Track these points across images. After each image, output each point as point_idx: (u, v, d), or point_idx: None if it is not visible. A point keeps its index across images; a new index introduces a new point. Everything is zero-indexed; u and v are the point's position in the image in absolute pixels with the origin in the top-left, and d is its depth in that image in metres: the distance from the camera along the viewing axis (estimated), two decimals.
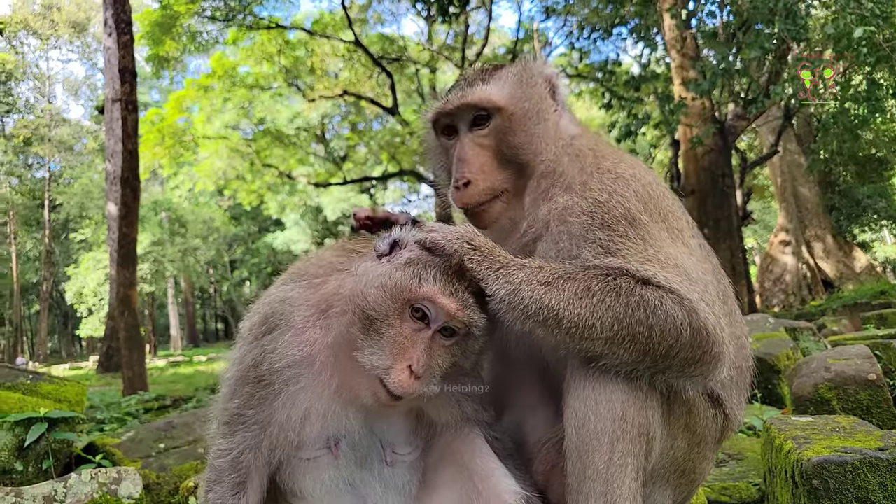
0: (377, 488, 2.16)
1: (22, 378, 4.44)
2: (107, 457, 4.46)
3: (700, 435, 2.18)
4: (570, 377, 2.02)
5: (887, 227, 30.71)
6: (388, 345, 1.91)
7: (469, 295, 1.94)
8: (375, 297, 1.91)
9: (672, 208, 2.24)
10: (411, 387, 1.87)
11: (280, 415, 1.99)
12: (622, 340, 1.90)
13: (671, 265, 2.00)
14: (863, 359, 4.41)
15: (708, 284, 2.06)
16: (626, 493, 1.94)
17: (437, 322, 1.92)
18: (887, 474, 2.28)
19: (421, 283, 1.90)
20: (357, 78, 31.14)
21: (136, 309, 15.60)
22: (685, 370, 1.96)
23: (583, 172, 2.23)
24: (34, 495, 2.91)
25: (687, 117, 18.33)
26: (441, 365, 1.96)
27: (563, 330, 1.92)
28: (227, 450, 2.03)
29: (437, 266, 1.94)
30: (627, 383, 1.96)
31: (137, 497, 3.15)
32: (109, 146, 27.85)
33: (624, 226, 2.06)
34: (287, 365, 1.97)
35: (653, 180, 2.25)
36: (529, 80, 2.40)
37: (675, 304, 1.90)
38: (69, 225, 48.36)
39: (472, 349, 2.01)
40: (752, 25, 16.07)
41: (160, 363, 31.70)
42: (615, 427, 1.94)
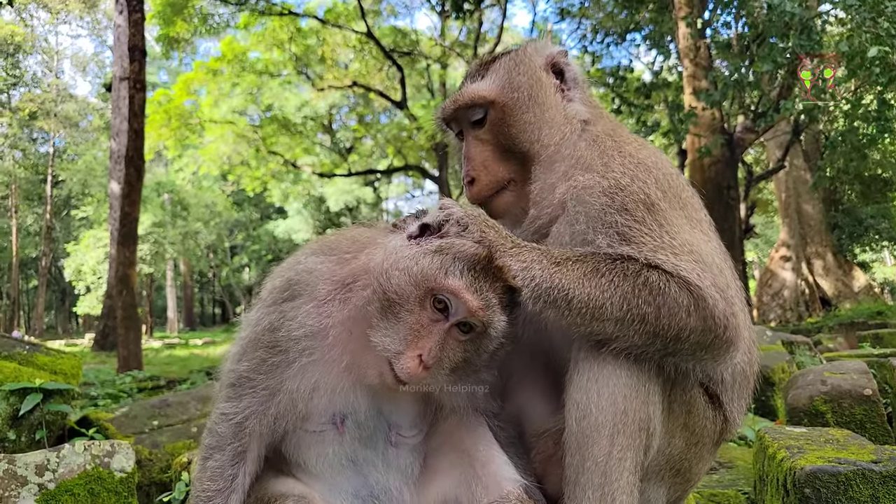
0: (380, 467, 2.15)
1: (19, 348, 4.45)
2: (100, 431, 4.47)
3: (698, 435, 2.19)
4: (574, 369, 2.03)
5: (888, 249, 30.72)
6: (403, 330, 1.89)
7: (493, 295, 1.92)
8: (399, 281, 1.90)
9: (691, 200, 2.24)
10: (418, 375, 1.86)
11: (290, 384, 1.97)
12: (633, 321, 1.91)
13: (686, 251, 2.00)
14: (859, 374, 4.42)
15: (723, 270, 2.06)
16: (623, 486, 1.95)
17: (456, 316, 1.91)
18: (880, 487, 2.28)
19: (447, 276, 1.88)
20: (367, 70, 31.13)
21: (134, 288, 15.61)
22: (696, 354, 1.97)
23: (603, 155, 2.21)
24: (27, 463, 2.91)
25: (696, 127, 18.31)
26: (452, 358, 1.94)
27: (573, 310, 1.93)
28: (230, 414, 2.00)
29: (465, 260, 1.91)
30: (630, 377, 1.96)
31: (130, 471, 3.15)
32: (115, 124, 27.80)
33: (642, 211, 2.06)
34: (304, 335, 1.95)
35: (674, 171, 2.25)
36: (520, 67, 2.40)
37: (681, 288, 1.90)
38: (71, 202, 48.31)
39: (485, 348, 1.99)
40: (767, 38, 16.04)
41: (156, 344, 31.74)
42: (616, 420, 1.94)
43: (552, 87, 2.39)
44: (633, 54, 28.64)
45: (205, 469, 1.99)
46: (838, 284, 27.02)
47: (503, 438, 2.23)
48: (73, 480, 2.98)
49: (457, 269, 1.89)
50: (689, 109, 17.96)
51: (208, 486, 1.96)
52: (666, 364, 2.01)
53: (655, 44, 22.01)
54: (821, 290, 27.18)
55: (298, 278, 2.05)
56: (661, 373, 2.02)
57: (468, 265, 1.91)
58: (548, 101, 2.36)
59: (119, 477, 3.12)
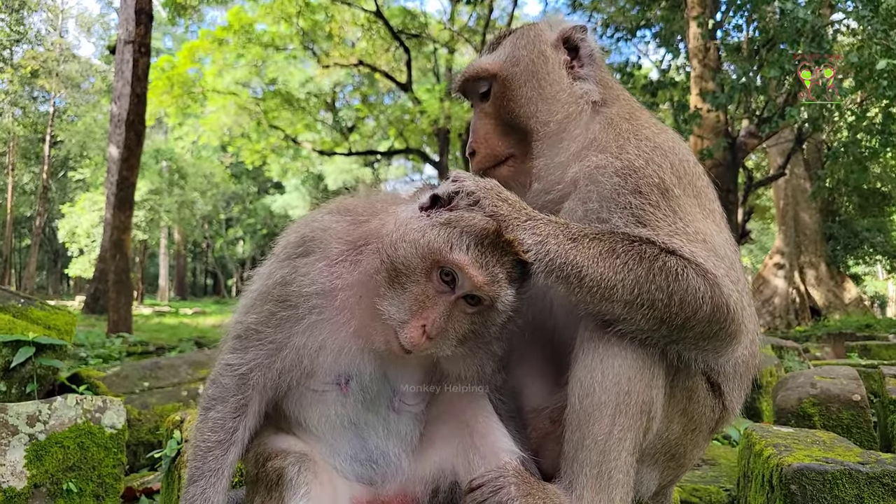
0: (380, 432, 2.16)
1: (13, 301, 4.43)
2: (90, 388, 4.47)
3: (696, 422, 2.21)
4: (580, 347, 2.04)
5: (881, 263, 30.88)
6: (409, 300, 1.90)
7: (500, 269, 1.91)
8: (406, 252, 1.90)
9: (706, 189, 2.24)
10: (422, 345, 1.88)
11: (298, 340, 1.98)
12: (641, 305, 1.91)
13: (699, 240, 2.00)
14: (849, 379, 4.47)
15: (735, 263, 2.06)
16: (621, 465, 1.97)
17: (462, 289, 1.90)
18: (865, 487, 2.31)
19: (453, 250, 1.87)
20: (374, 49, 30.87)
21: (128, 253, 15.56)
22: (699, 344, 1.98)
23: (619, 137, 2.20)
24: (18, 413, 2.92)
25: (700, 128, 18.29)
26: (458, 331, 1.95)
27: (584, 288, 1.92)
28: (235, 365, 2.00)
29: (473, 234, 1.90)
30: (635, 360, 1.98)
31: (120, 428, 3.16)
32: (117, 88, 27.61)
33: (657, 195, 2.05)
34: (315, 292, 1.96)
35: (691, 158, 2.25)
36: (525, 41, 2.38)
37: (698, 275, 1.91)
38: (68, 163, 47.98)
39: (493, 321, 1.99)
40: (777, 44, 16.01)
41: (146, 311, 31.70)
42: (619, 401, 1.96)
43: (558, 63, 2.34)
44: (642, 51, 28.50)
45: (206, 420, 1.99)
46: (829, 295, 27.19)
47: (504, 412, 2.26)
48: (63, 433, 2.98)
49: (463, 244, 1.88)
50: (694, 110, 17.94)
51: (209, 437, 1.97)
52: (669, 351, 2.01)
53: (665, 42, 21.90)
54: (811, 300, 27.35)
55: (313, 235, 2.05)
56: (665, 358, 2.03)
57: (475, 239, 1.89)
58: (550, 76, 2.32)
59: (109, 433, 3.13)
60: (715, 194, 2.32)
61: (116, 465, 3.13)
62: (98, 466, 3.06)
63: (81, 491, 2.99)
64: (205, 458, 1.96)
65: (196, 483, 1.93)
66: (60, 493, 2.92)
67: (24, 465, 2.85)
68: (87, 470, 3.04)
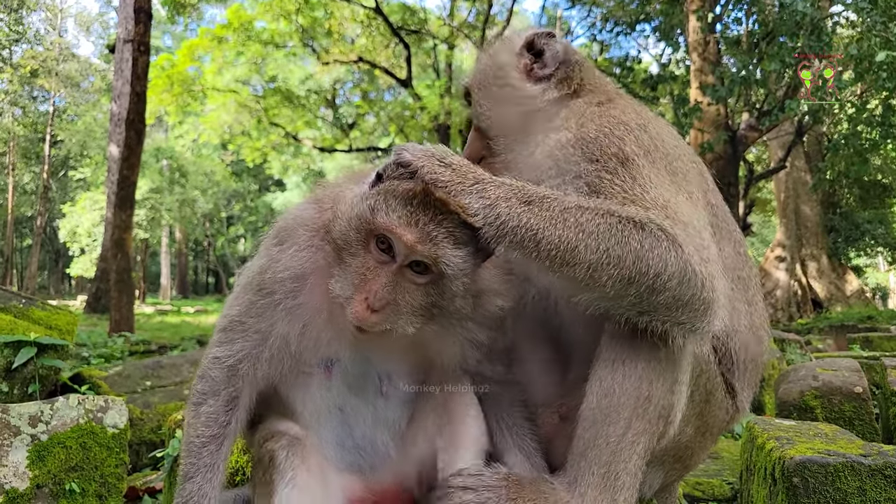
0: (367, 418, 2.15)
1: (15, 301, 4.43)
2: (92, 388, 4.47)
3: (709, 425, 2.20)
4: (605, 345, 2.00)
5: (882, 254, 30.85)
6: (351, 275, 1.86)
7: (437, 229, 1.80)
8: (341, 227, 1.89)
9: (686, 170, 2.17)
10: (368, 319, 1.80)
11: (280, 327, 1.97)
12: (607, 265, 1.76)
13: (659, 205, 1.92)
14: (851, 371, 4.46)
15: (701, 231, 1.96)
16: (630, 468, 1.95)
17: (401, 255, 1.82)
18: (867, 479, 2.31)
19: (375, 213, 1.81)
20: (373, 46, 30.82)
21: (129, 252, 15.57)
22: (673, 313, 1.83)
23: (581, 117, 2.23)
24: (21, 413, 2.91)
25: (700, 122, 18.29)
26: (412, 303, 1.86)
27: (542, 252, 1.77)
28: (223, 358, 2.00)
29: (399, 196, 1.82)
30: (660, 362, 1.94)
31: (122, 427, 3.15)
32: (117, 87, 27.57)
33: (614, 163, 2.01)
34: (288, 277, 1.96)
35: (668, 135, 2.21)
36: (490, 54, 2.56)
37: (659, 231, 1.80)
38: (69, 162, 47.97)
39: (450, 290, 1.88)
40: (777, 37, 15.97)
41: (148, 310, 31.73)
42: (638, 405, 1.93)
43: (515, 68, 2.46)
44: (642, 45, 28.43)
45: (198, 415, 1.98)
46: (831, 287, 27.16)
47: (506, 400, 2.23)
48: (65, 433, 2.98)
49: (388, 206, 1.81)
50: (694, 104, 17.93)
51: (203, 432, 1.96)
52: (641, 323, 1.88)
53: (665, 36, 21.86)
54: (813, 292, 27.33)
55: (285, 224, 2.08)
56: (691, 360, 2.00)
57: (402, 201, 1.81)
58: (502, 80, 2.46)
59: (112, 433, 3.12)
60: (702, 180, 2.28)
61: (119, 464, 3.12)
62: (100, 466, 3.06)
63: (84, 491, 2.99)
64: (199, 453, 1.94)
65: (192, 479, 1.92)
66: (63, 493, 2.92)
67: (27, 465, 2.84)
68: (90, 470, 3.04)
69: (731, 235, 2.33)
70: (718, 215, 2.31)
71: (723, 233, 2.29)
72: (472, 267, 1.88)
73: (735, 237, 2.36)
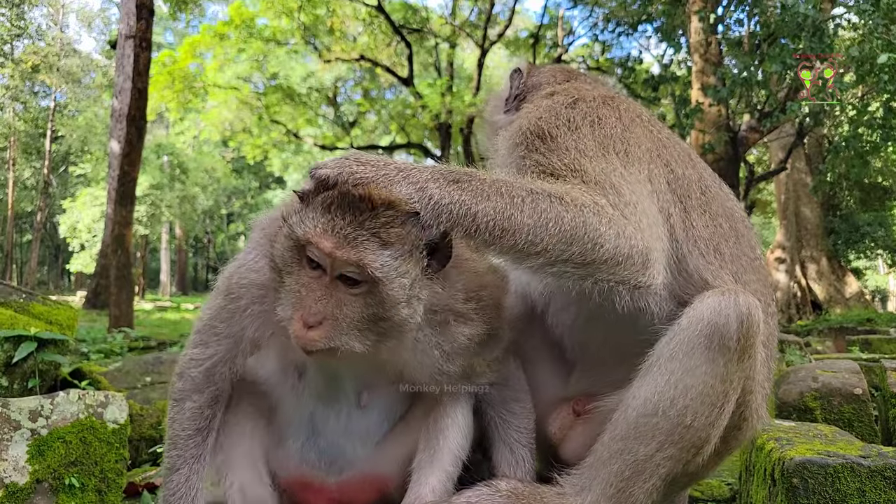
0: (338, 428, 2.12)
1: (15, 296, 4.42)
2: (92, 383, 4.47)
3: (730, 448, 2.17)
4: (656, 362, 1.94)
5: (882, 257, 30.85)
6: (288, 294, 1.81)
7: (357, 230, 1.72)
8: (276, 250, 1.85)
9: (622, 138, 2.14)
10: (306, 337, 1.72)
11: (249, 332, 1.97)
12: (546, 224, 1.77)
13: (577, 171, 1.95)
14: (851, 373, 4.46)
15: (625, 192, 1.95)
16: (647, 488, 1.92)
17: (326, 265, 1.76)
18: (867, 480, 2.31)
19: (296, 227, 1.76)
20: (375, 44, 30.82)
21: (129, 248, 15.56)
22: (614, 271, 1.83)
23: (519, 117, 2.34)
24: (21, 408, 2.91)
25: (701, 123, 18.27)
26: (351, 316, 1.76)
27: (480, 225, 1.75)
28: (199, 360, 2.02)
29: (318, 205, 1.76)
30: (713, 388, 1.88)
31: (123, 423, 3.15)
32: (118, 83, 27.53)
33: (535, 141, 2.07)
34: (250, 283, 1.95)
35: (608, 112, 2.20)
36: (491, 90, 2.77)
37: (582, 193, 1.87)
38: (69, 158, 47.95)
39: (389, 297, 1.76)
40: (778, 38, 15.96)
41: (147, 306, 31.73)
42: (676, 432, 1.88)
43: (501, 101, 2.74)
44: (644, 46, 28.42)
45: (182, 410, 2.01)
46: (830, 289, 27.16)
47: (496, 398, 2.19)
48: (65, 428, 2.97)
49: (306, 218, 1.75)
50: (695, 105, 17.91)
51: (188, 426, 1.99)
52: (586, 287, 1.89)
53: (666, 36, 21.81)
54: (812, 294, 27.32)
55: (253, 234, 2.08)
56: (740, 391, 1.96)
57: (320, 211, 1.75)
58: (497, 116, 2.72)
59: (112, 428, 3.11)
60: (657, 149, 2.23)
61: (119, 460, 3.12)
62: (100, 461, 3.05)
63: (84, 486, 2.98)
64: (185, 445, 1.98)
65: (178, 471, 1.95)
66: (63, 488, 2.92)
67: (27, 460, 2.84)
68: (90, 465, 3.03)
69: (709, 207, 2.23)
70: (687, 185, 2.22)
71: (692, 202, 2.19)
72: (409, 269, 1.77)
73: (715, 209, 2.25)
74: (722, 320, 1.86)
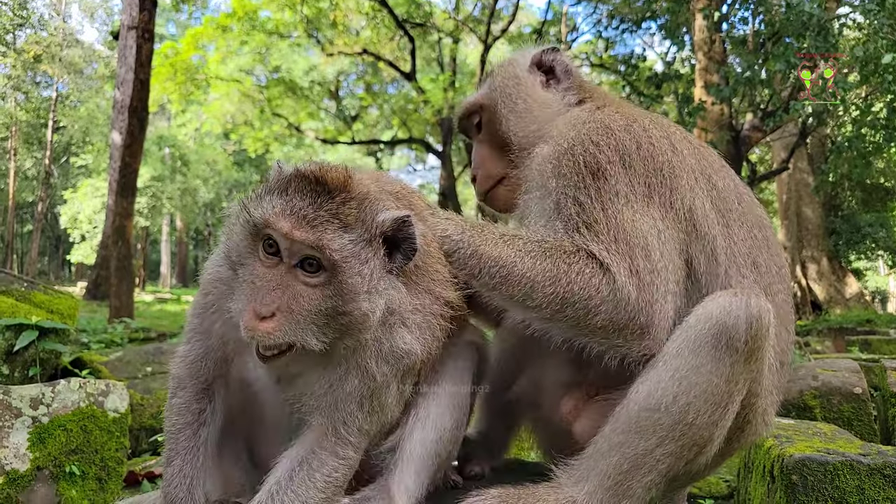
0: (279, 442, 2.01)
1: (17, 284, 4.43)
2: (93, 373, 4.47)
3: (732, 449, 2.15)
4: (663, 357, 1.94)
5: (883, 258, 30.83)
6: (243, 286, 1.68)
7: (316, 211, 1.64)
8: (231, 242, 1.75)
9: (671, 164, 2.13)
10: (257, 329, 1.59)
11: (217, 328, 1.93)
12: (543, 283, 1.91)
13: (607, 228, 1.98)
14: (851, 372, 4.47)
15: (650, 252, 1.97)
16: (645, 483, 1.92)
17: (284, 250, 1.65)
18: (866, 478, 2.31)
19: (252, 211, 1.68)
20: (378, 38, 30.75)
21: (130, 240, 15.57)
22: (611, 338, 1.93)
23: (571, 128, 2.23)
24: (22, 395, 2.92)
25: (703, 121, 18.24)
26: (308, 308, 1.64)
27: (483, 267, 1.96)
28: (183, 355, 2.01)
29: (274, 187, 1.70)
30: (715, 393, 1.87)
31: (123, 412, 3.17)
32: (120, 74, 27.47)
33: (583, 175, 2.05)
34: (217, 279, 1.89)
35: (655, 134, 2.18)
36: (502, 71, 2.59)
37: (592, 260, 1.93)
38: (71, 149, 47.94)
39: (349, 287, 1.65)
40: (783, 37, 15.92)
41: (147, 298, 31.75)
42: (677, 429, 1.87)
43: (535, 83, 2.54)
44: (647, 43, 28.34)
45: (171, 406, 2.00)
46: (831, 290, 27.15)
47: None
48: (66, 416, 2.99)
49: (263, 201, 1.68)
50: (698, 103, 17.87)
51: (176, 421, 1.98)
52: (579, 346, 1.98)
53: (670, 34, 21.76)
54: (812, 294, 27.31)
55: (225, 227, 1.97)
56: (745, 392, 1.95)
57: (277, 192, 1.69)
58: (523, 93, 2.50)
59: (112, 417, 3.13)
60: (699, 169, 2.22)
61: (119, 448, 3.14)
62: (101, 450, 3.07)
63: (84, 474, 3.00)
64: (177, 438, 1.97)
65: (173, 463, 1.95)
66: (63, 475, 2.93)
67: (28, 447, 2.85)
68: (90, 453, 3.05)
69: (746, 219, 2.24)
70: (727, 198, 2.23)
71: (733, 216, 2.20)
72: (369, 258, 1.69)
73: (751, 220, 2.27)
74: (731, 321, 1.85)
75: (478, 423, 2.67)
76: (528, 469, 2.68)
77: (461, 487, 2.29)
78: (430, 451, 2.03)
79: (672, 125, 2.35)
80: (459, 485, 2.32)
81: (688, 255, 2.10)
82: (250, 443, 2.17)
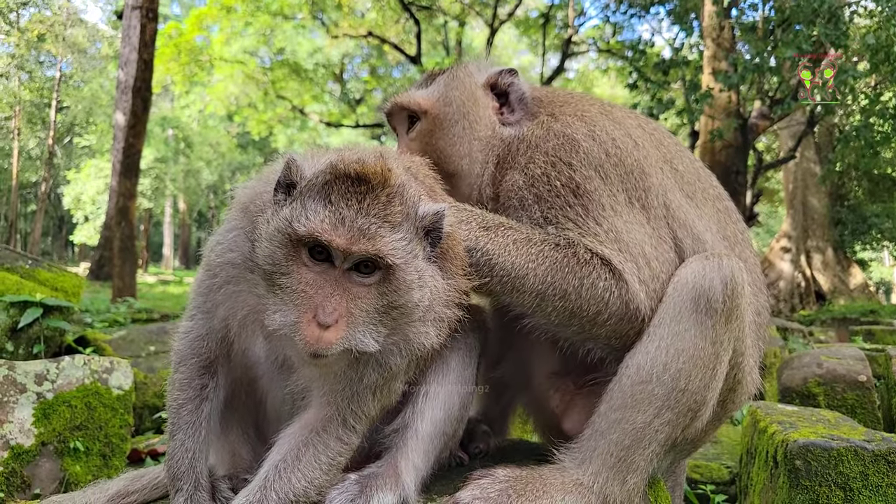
0: None
1: (21, 262, 4.43)
2: (97, 351, 4.49)
3: (728, 410, 2.19)
4: (651, 332, 1.98)
5: (888, 249, 30.75)
6: (289, 297, 1.60)
7: (367, 218, 1.58)
8: (264, 249, 1.65)
9: (640, 163, 2.16)
10: (323, 341, 1.54)
11: (221, 310, 1.92)
12: (553, 296, 1.93)
13: (610, 239, 2.01)
14: (855, 360, 4.47)
15: (650, 261, 2.04)
16: (647, 455, 1.94)
17: (339, 259, 1.60)
18: (870, 464, 2.31)
19: (294, 223, 1.58)
20: (384, 21, 30.53)
21: (133, 221, 15.58)
22: (612, 342, 2.01)
23: (535, 150, 2.20)
24: (27, 371, 2.93)
25: (711, 109, 18.09)
26: (366, 308, 1.62)
27: (495, 276, 1.95)
28: (185, 331, 2.01)
29: (315, 193, 1.60)
30: (704, 356, 1.92)
31: (127, 389, 3.18)
32: (124, 54, 27.28)
33: (564, 196, 2.06)
34: (228, 262, 1.86)
35: (617, 135, 2.19)
36: (457, 83, 2.42)
37: (607, 269, 1.96)
38: (74, 129, 47.87)
39: (405, 282, 1.64)
40: (793, 24, 15.75)
41: (150, 279, 31.89)
42: (671, 396, 1.91)
43: (487, 107, 2.41)
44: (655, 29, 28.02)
45: (174, 381, 2.01)
46: (835, 280, 27.12)
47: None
48: (70, 392, 3.00)
49: (306, 210, 1.59)
50: (705, 90, 17.71)
51: (178, 396, 1.98)
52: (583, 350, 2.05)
53: (679, 19, 21.54)
54: (817, 284, 27.29)
55: (232, 210, 1.94)
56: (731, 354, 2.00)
57: (320, 199, 1.60)
58: (480, 120, 2.36)
59: (116, 394, 3.14)
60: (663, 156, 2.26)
61: (123, 425, 3.15)
62: (105, 426, 3.08)
63: (88, 450, 3.01)
64: (179, 413, 1.97)
65: (175, 436, 1.96)
66: (67, 451, 2.95)
67: (32, 422, 2.87)
68: (94, 430, 3.06)
69: (707, 194, 2.34)
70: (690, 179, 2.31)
71: (698, 196, 2.30)
72: (417, 250, 1.68)
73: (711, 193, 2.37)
74: (707, 283, 1.93)
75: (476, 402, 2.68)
76: (533, 448, 2.68)
77: (466, 465, 2.30)
78: (438, 429, 2.02)
79: (625, 114, 2.35)
80: (465, 461, 2.32)
81: (677, 246, 2.16)
82: (257, 419, 2.18)
